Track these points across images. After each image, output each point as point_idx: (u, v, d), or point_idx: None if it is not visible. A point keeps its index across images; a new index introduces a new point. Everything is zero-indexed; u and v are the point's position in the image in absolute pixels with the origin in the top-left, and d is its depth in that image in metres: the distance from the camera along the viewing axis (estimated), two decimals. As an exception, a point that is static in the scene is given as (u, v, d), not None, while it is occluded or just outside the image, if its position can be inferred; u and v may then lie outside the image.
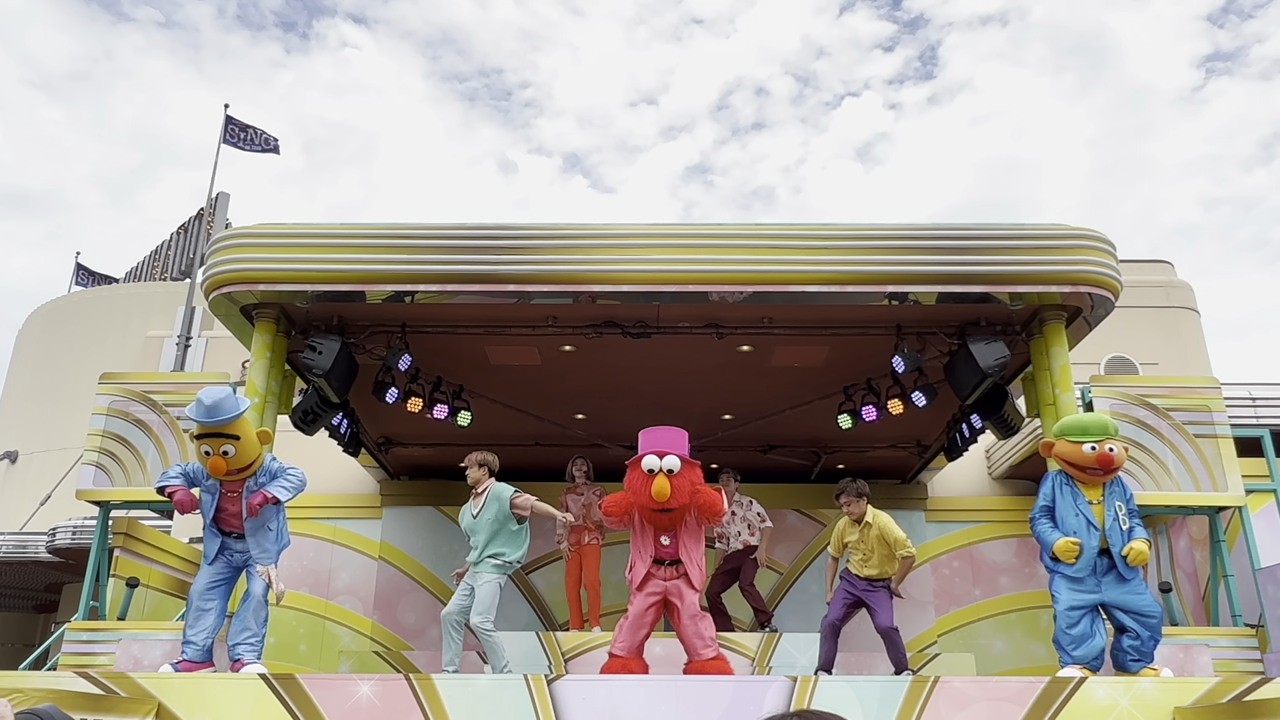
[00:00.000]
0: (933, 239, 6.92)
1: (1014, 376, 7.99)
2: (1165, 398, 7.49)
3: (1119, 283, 6.95)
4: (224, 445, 5.70)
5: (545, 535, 10.72)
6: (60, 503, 14.22)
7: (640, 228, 7.14)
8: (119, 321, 17.86)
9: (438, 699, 5.14)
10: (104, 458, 7.32)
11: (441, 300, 7.05)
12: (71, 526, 12.14)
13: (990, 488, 11.33)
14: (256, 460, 5.92)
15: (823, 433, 8.94)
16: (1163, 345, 13.83)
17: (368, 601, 10.58)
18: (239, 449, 5.74)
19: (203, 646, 5.87)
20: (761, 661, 7.83)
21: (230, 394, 5.81)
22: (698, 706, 5.19)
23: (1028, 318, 7.38)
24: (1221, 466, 7.27)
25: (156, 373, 14.60)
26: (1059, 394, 7.01)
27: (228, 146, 17.48)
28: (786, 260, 6.90)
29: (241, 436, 5.75)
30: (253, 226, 7.23)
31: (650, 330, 7.60)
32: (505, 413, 9.18)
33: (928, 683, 5.23)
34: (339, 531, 10.85)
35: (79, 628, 6.90)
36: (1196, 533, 8.57)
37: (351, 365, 7.49)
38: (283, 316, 7.39)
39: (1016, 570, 10.68)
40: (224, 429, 5.67)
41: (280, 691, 5.13)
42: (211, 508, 5.98)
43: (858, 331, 7.60)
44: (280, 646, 10.27)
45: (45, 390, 17.58)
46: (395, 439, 10.12)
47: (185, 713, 5.06)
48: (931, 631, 10.45)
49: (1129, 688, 5.20)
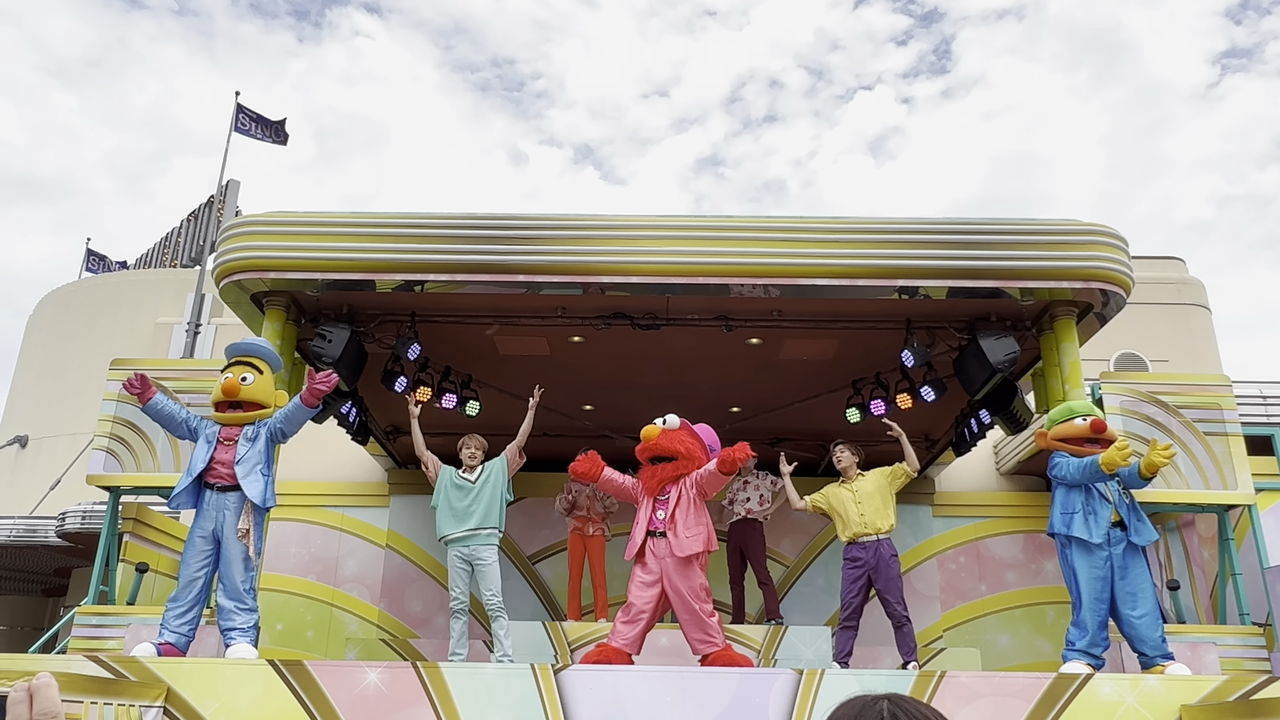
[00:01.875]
0: (943, 233, 6.90)
1: (1024, 372, 7.97)
2: (1176, 395, 7.45)
3: (1131, 279, 6.92)
4: (245, 373, 5.97)
5: (553, 525, 10.74)
6: (70, 487, 14.31)
7: (650, 219, 7.13)
8: (129, 308, 17.92)
9: (445, 687, 5.16)
10: (114, 443, 7.35)
11: (451, 290, 7.05)
12: (81, 511, 12.20)
13: (998, 483, 11.31)
14: (266, 411, 6.04)
15: (830, 426, 8.92)
16: (1173, 342, 13.78)
17: (375, 589, 10.62)
18: (257, 381, 5.98)
19: (187, 637, 5.77)
20: (767, 654, 7.84)
21: (264, 342, 6.31)
22: (703, 698, 5.20)
23: (1038, 313, 7.36)
24: (1231, 464, 7.24)
25: (167, 359, 14.64)
26: (1069, 390, 6.98)
27: (238, 135, 17.51)
28: (797, 253, 6.88)
29: (263, 373, 6.06)
30: (264, 214, 7.24)
31: (659, 322, 7.59)
32: (513, 403, 9.17)
33: (934, 677, 5.23)
34: (346, 519, 10.88)
35: (88, 612, 6.93)
36: (1205, 531, 8.54)
37: (361, 354, 7.50)
38: (293, 304, 7.41)
39: (1023, 566, 10.67)
40: (249, 358, 6.01)
41: (289, 678, 5.16)
42: (206, 457, 5.93)
43: (867, 325, 7.58)
44: (287, 633, 10.33)
45: (55, 375, 17.67)
46: (404, 428, 10.13)
47: (194, 698, 5.09)
48: (937, 626, 10.46)
49: (1136, 685, 5.19)
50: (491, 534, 7.06)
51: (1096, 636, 5.83)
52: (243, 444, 5.96)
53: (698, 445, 6.26)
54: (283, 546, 10.45)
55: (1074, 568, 5.89)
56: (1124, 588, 5.85)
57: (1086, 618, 5.81)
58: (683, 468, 6.14)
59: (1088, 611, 5.81)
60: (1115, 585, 5.86)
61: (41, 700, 1.10)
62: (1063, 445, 6.08)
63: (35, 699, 1.10)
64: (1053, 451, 6.18)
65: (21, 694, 1.10)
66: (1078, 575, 5.87)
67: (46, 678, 1.13)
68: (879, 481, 7.15)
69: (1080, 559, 5.87)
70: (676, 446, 6.13)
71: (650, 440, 6.15)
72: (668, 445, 6.13)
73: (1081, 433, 6.01)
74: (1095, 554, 5.85)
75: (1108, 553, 5.86)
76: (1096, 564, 5.84)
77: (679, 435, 6.24)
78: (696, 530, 6.05)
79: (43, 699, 1.11)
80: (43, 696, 1.11)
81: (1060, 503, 6.04)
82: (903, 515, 11.04)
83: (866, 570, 7.00)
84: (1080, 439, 6.02)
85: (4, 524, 13.27)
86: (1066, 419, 6.12)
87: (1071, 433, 6.06)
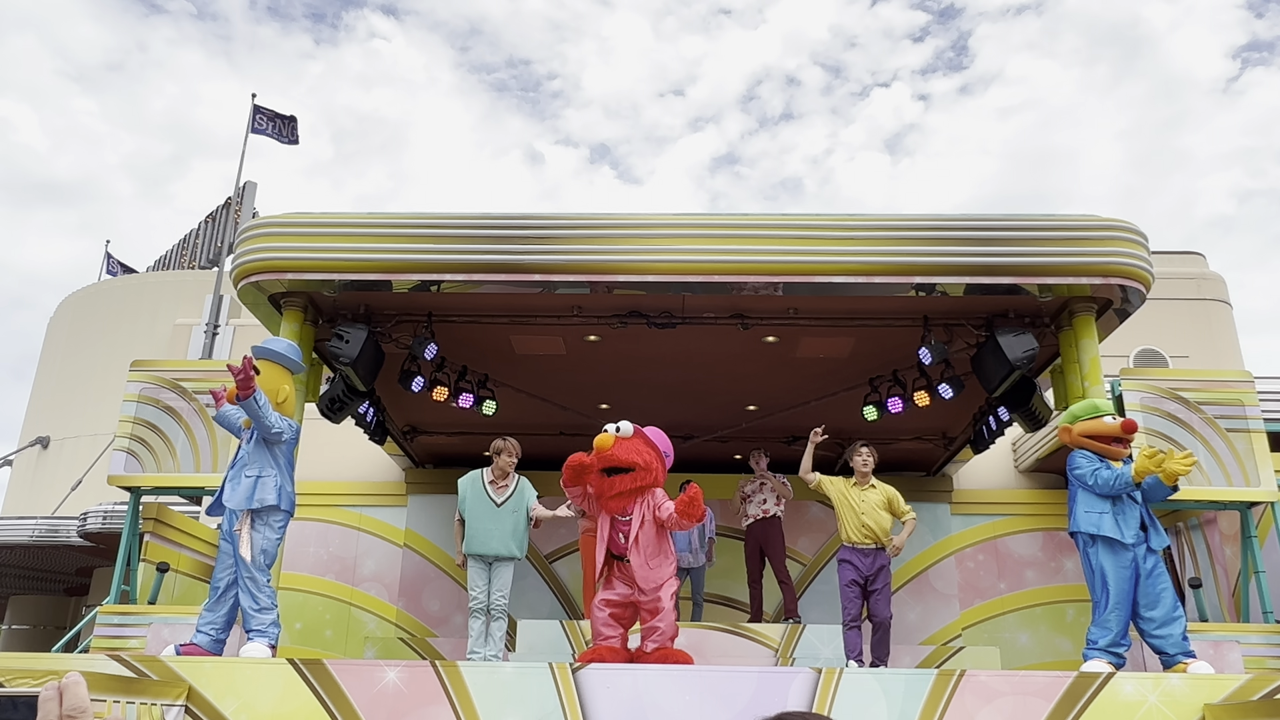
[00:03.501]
0: (961, 230, 6.85)
1: (1042, 369, 7.91)
2: (1197, 391, 7.39)
3: (1150, 274, 6.85)
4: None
5: (568, 525, 10.74)
6: (91, 488, 14.43)
7: (666, 217, 7.12)
8: (148, 310, 18.07)
9: (463, 686, 5.18)
10: (135, 444, 7.41)
11: (467, 290, 7.07)
12: (102, 511, 12.30)
13: (1017, 481, 11.24)
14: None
15: (847, 424, 8.89)
16: (1193, 338, 13.65)
17: (393, 588, 10.66)
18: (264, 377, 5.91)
19: (215, 638, 5.86)
20: (785, 653, 7.82)
21: (283, 345, 6.29)
22: (722, 696, 5.19)
23: (1057, 309, 7.30)
24: (1254, 461, 7.17)
25: (186, 360, 14.75)
26: (1088, 387, 6.93)
27: (256, 136, 17.60)
28: (813, 251, 6.85)
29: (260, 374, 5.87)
30: (281, 216, 7.27)
31: (675, 320, 7.58)
32: (530, 402, 9.20)
33: (953, 676, 5.21)
34: (364, 519, 10.93)
35: (110, 611, 7.00)
36: (1227, 528, 8.47)
37: (378, 354, 7.53)
38: (310, 305, 7.45)
39: (1042, 564, 10.60)
40: (258, 360, 5.94)
41: (308, 677, 5.18)
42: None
43: (884, 323, 7.55)
44: (306, 632, 10.38)
45: (76, 377, 17.83)
46: (421, 427, 10.18)
47: (215, 697, 5.12)
48: (956, 625, 10.41)
49: (1158, 684, 5.15)
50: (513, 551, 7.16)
51: (1120, 636, 5.77)
52: (244, 447, 6.07)
53: (654, 455, 5.96)
54: (301, 546, 10.51)
55: (1101, 567, 5.81)
56: (1149, 588, 5.78)
57: (1111, 617, 5.74)
58: (641, 479, 5.82)
59: (1114, 611, 5.74)
60: (1140, 586, 5.80)
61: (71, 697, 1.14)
62: (1088, 443, 5.98)
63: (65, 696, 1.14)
64: (1074, 449, 6.10)
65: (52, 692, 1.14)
66: (1106, 575, 5.79)
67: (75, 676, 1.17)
68: (887, 497, 7.35)
69: (1109, 558, 5.79)
70: (634, 458, 5.80)
71: (605, 450, 5.78)
72: (624, 457, 5.80)
73: (1111, 431, 5.90)
74: (1124, 554, 5.78)
75: (1133, 553, 5.80)
76: (1125, 563, 5.77)
77: (635, 445, 5.90)
78: (660, 560, 5.90)
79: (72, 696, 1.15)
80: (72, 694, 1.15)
81: (1083, 501, 5.94)
82: (921, 513, 11.02)
83: (862, 575, 7.19)
84: (1109, 438, 5.91)
85: (26, 524, 13.40)
86: (1093, 416, 6.01)
87: (1100, 430, 5.94)
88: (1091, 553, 5.86)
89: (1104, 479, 5.80)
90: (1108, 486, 5.79)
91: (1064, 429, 6.19)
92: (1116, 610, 5.74)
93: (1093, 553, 5.85)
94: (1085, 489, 5.93)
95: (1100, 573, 5.81)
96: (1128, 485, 5.74)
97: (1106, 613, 5.76)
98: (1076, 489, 6.00)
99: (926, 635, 10.32)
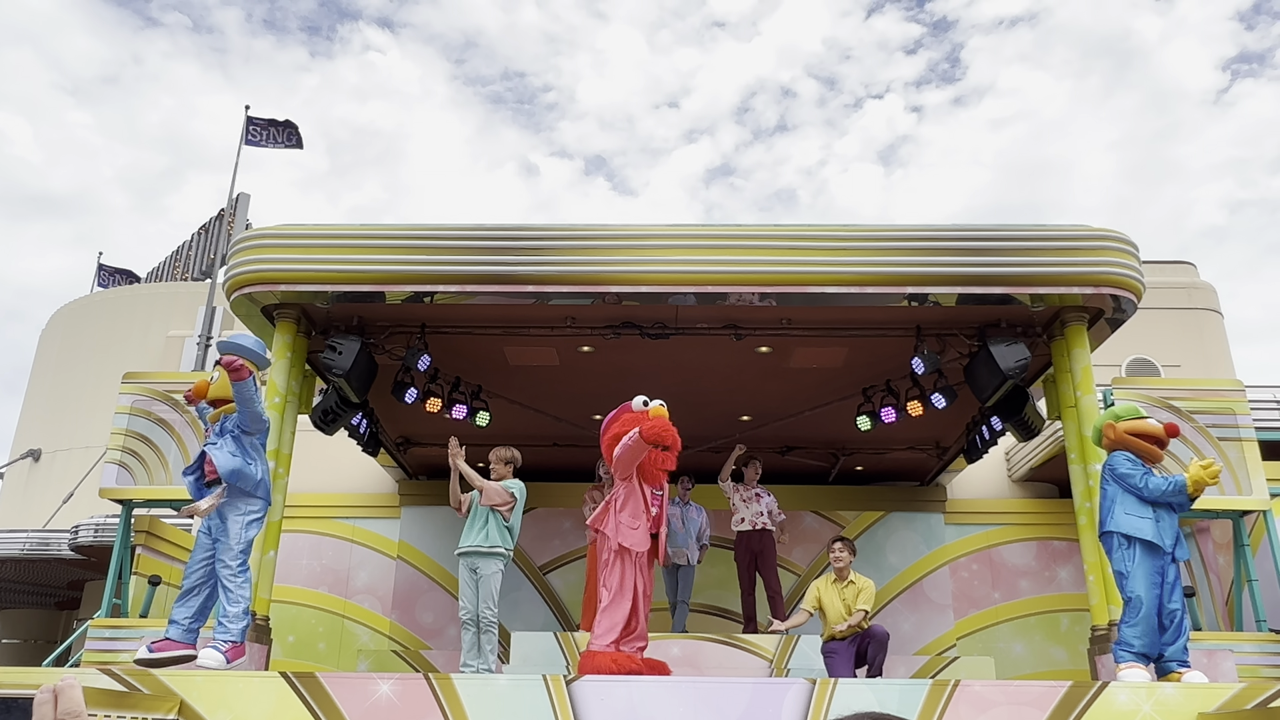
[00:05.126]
0: (953, 240, 6.88)
1: (1035, 378, 7.93)
2: (1188, 400, 7.42)
3: (1141, 284, 6.88)
4: (215, 371, 5.85)
5: (564, 535, 10.74)
6: (83, 501, 14.36)
7: (659, 228, 7.14)
8: (140, 321, 18.00)
9: (457, 698, 5.15)
10: (127, 456, 7.39)
11: (460, 301, 7.07)
12: (94, 524, 12.24)
13: (1010, 490, 11.26)
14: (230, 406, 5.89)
15: (841, 434, 8.92)
16: (1185, 347, 13.69)
17: (386, 600, 10.62)
18: (220, 379, 5.80)
19: (186, 628, 5.78)
20: (779, 664, 7.80)
21: (250, 340, 6.00)
22: (716, 708, 5.18)
23: (1049, 319, 7.33)
24: (1246, 469, 7.20)
25: (178, 372, 14.71)
26: (1080, 396, 6.95)
27: (250, 147, 17.59)
28: (806, 261, 6.87)
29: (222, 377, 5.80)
30: (274, 227, 7.27)
31: (669, 331, 7.59)
32: (523, 413, 9.19)
33: (948, 686, 5.20)
34: (358, 531, 10.90)
35: (102, 625, 6.96)
36: (1220, 537, 8.49)
37: (371, 365, 7.52)
38: (303, 317, 7.43)
39: (1036, 573, 10.61)
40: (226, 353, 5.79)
41: (301, 690, 5.16)
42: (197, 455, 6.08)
43: (877, 333, 7.56)
44: (299, 644, 10.33)
45: (68, 389, 17.75)
46: (414, 439, 10.16)
47: (207, 710, 5.09)
48: (950, 634, 10.40)
49: (1152, 693, 5.15)
50: (495, 549, 7.08)
51: (1155, 639, 5.74)
52: (214, 438, 5.95)
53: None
54: (294, 558, 10.47)
55: (1138, 569, 5.75)
56: (1170, 594, 5.77)
57: (1143, 620, 5.69)
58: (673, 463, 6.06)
59: (1148, 614, 5.70)
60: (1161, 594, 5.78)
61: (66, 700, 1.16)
62: (1134, 441, 5.93)
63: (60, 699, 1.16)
64: (1112, 450, 6.03)
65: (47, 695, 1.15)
66: (1140, 578, 5.74)
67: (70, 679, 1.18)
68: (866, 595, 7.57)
69: (1146, 562, 5.75)
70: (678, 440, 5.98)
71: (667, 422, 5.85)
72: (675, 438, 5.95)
73: (1155, 433, 5.89)
74: (1160, 559, 5.77)
75: (1164, 561, 5.79)
76: (1159, 568, 5.77)
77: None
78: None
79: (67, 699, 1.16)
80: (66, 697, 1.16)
81: (1124, 503, 5.86)
82: (914, 523, 11.08)
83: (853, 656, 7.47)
84: (1154, 438, 5.91)
85: (17, 537, 13.32)
86: (1135, 417, 5.99)
87: (1147, 430, 5.92)
88: (1127, 554, 5.78)
89: (1155, 485, 5.77)
90: (1159, 492, 5.77)
91: (1108, 425, 6.08)
92: (1149, 613, 5.70)
93: (1128, 554, 5.78)
94: (1129, 491, 5.87)
95: (1135, 576, 5.76)
96: (1180, 492, 5.74)
97: (1140, 614, 5.71)
98: (1116, 490, 5.91)
99: (921, 645, 10.31)
